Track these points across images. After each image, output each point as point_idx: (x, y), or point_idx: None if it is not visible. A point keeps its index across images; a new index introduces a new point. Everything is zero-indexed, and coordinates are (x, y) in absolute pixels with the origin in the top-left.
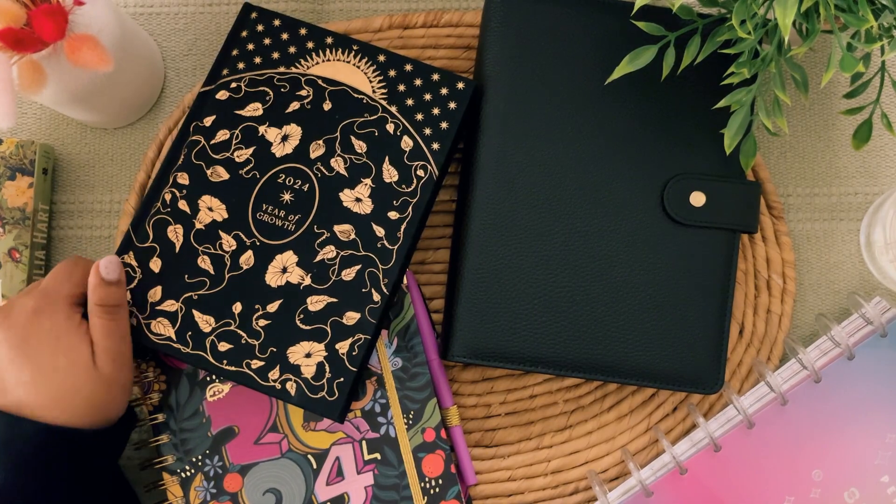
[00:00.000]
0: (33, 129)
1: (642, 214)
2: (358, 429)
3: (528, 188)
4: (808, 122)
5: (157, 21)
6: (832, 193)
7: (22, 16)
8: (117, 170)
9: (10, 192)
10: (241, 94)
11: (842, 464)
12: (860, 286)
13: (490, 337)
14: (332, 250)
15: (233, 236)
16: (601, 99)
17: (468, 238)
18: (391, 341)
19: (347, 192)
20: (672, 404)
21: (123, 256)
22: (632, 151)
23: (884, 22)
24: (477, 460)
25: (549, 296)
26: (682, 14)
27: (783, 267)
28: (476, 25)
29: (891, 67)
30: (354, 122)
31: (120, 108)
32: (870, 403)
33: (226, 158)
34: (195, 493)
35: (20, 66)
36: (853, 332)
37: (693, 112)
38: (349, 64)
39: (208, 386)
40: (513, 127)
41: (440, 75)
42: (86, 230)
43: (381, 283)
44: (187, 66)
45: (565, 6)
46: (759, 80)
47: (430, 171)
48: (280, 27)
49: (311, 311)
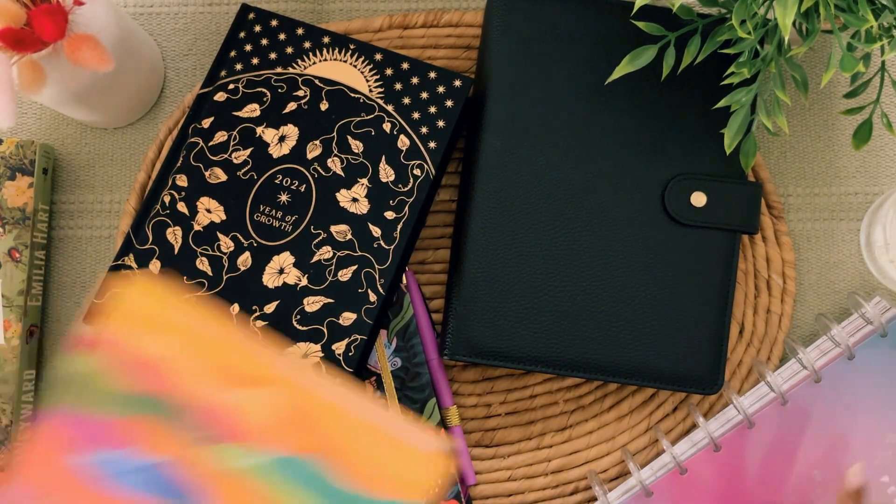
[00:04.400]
0: (33, 129)
1: (643, 214)
2: None
3: (528, 188)
4: (808, 122)
5: (157, 21)
6: (832, 193)
7: (22, 16)
8: (117, 170)
9: (10, 192)
10: (239, 95)
11: (842, 464)
12: (860, 286)
13: (490, 336)
14: (329, 251)
15: (230, 238)
16: (602, 99)
17: (468, 238)
18: (390, 341)
19: (344, 193)
20: (672, 404)
21: (123, 259)
22: (633, 151)
23: (884, 22)
24: (477, 460)
25: (549, 295)
26: (682, 14)
27: (783, 267)
28: (476, 25)
29: (891, 67)
30: (351, 122)
31: (120, 108)
32: (870, 403)
33: (224, 160)
34: None
35: (20, 66)
36: (853, 332)
37: (693, 112)
38: (346, 63)
39: None
40: (514, 127)
41: (437, 73)
42: (86, 230)
43: (378, 283)
44: (187, 66)
45: (566, 6)
46: (759, 80)
47: (426, 171)
48: (277, 27)
49: (308, 312)
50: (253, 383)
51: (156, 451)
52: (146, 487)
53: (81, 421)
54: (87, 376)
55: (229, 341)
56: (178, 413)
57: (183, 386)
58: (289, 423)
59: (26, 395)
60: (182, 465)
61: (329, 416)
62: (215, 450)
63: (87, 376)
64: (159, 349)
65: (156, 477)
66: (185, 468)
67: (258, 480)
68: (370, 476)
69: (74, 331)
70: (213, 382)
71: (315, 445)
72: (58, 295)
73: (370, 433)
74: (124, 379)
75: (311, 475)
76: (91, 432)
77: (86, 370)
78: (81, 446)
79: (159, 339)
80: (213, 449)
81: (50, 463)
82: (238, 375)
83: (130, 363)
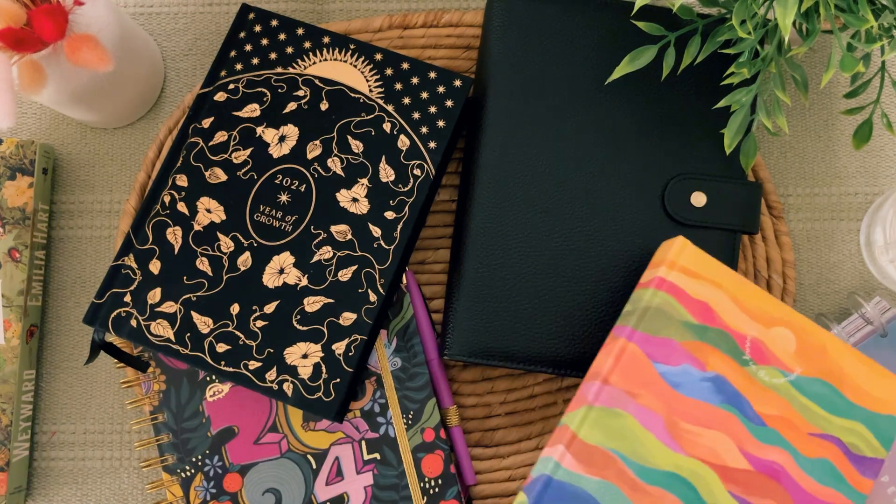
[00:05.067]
0: (33, 129)
1: (643, 214)
2: (357, 429)
3: (528, 188)
4: (808, 122)
5: (157, 21)
6: (832, 193)
7: (22, 16)
8: (117, 170)
9: (10, 192)
10: (239, 95)
11: None
12: (860, 286)
13: (490, 336)
14: (329, 251)
15: (231, 238)
16: (602, 99)
17: (468, 238)
18: (390, 341)
19: (344, 193)
20: None
21: (123, 259)
22: (633, 151)
23: (884, 22)
24: (477, 460)
25: (549, 295)
26: (682, 14)
27: (783, 267)
28: (476, 25)
29: (891, 67)
30: (351, 122)
31: (120, 108)
32: None
33: (224, 160)
34: (195, 492)
35: (20, 66)
36: (853, 332)
37: (693, 112)
38: (346, 63)
39: (208, 386)
40: (514, 127)
41: (437, 73)
42: (86, 230)
43: (378, 283)
44: (187, 66)
45: (566, 6)
46: (759, 80)
47: (426, 171)
48: (277, 27)
49: (308, 312)
50: (773, 323)
51: (712, 367)
52: (705, 394)
53: (660, 341)
54: (659, 308)
55: (752, 291)
56: (726, 341)
57: (727, 321)
58: (802, 353)
59: (26, 395)
60: (730, 379)
61: (830, 348)
62: (753, 369)
63: (659, 308)
64: (708, 293)
65: (712, 387)
66: (733, 382)
67: (784, 394)
68: (861, 394)
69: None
70: (748, 320)
71: (822, 370)
72: (58, 295)
73: (857, 362)
74: (687, 312)
75: (821, 393)
76: (666, 350)
77: (659, 303)
78: (662, 359)
79: (707, 287)
80: (752, 369)
81: (643, 369)
82: (762, 316)
83: (689, 302)
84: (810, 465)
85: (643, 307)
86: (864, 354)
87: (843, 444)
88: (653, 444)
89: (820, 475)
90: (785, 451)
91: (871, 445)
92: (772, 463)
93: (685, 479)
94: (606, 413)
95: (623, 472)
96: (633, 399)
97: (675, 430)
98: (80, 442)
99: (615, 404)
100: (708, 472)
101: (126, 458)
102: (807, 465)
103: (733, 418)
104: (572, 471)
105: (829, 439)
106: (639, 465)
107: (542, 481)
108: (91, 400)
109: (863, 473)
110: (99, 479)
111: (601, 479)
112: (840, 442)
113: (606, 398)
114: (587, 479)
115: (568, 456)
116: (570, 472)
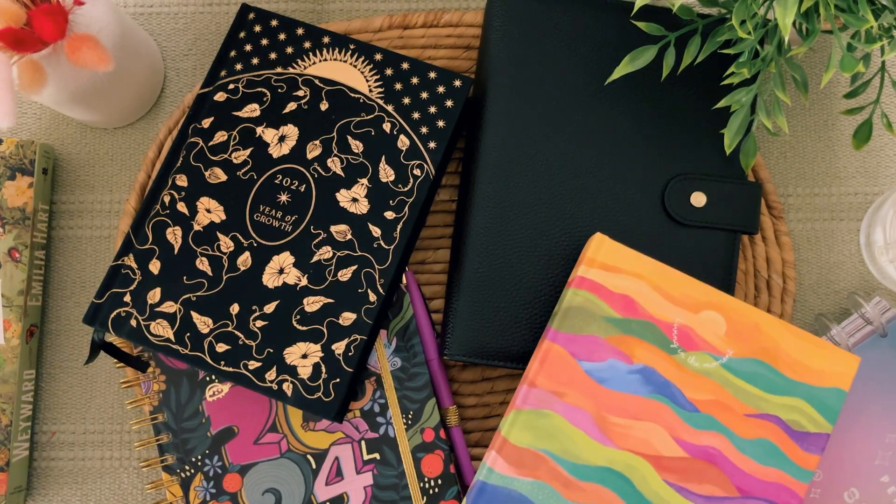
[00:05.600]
0: (33, 129)
1: (643, 214)
2: (357, 429)
3: (528, 188)
4: (808, 122)
5: (157, 21)
6: (832, 193)
7: (22, 16)
8: (117, 170)
9: (10, 192)
10: (239, 95)
11: (842, 464)
12: (860, 286)
13: (490, 336)
14: (329, 251)
15: (230, 238)
16: (602, 99)
17: (468, 238)
18: (390, 341)
19: (344, 193)
20: None
21: (123, 259)
22: (633, 151)
23: (884, 22)
24: (477, 460)
25: (549, 296)
26: (682, 14)
27: (783, 267)
28: (476, 25)
29: (891, 67)
30: (351, 122)
31: (120, 108)
32: (870, 403)
33: (224, 160)
34: (195, 492)
35: (20, 66)
36: (853, 332)
37: (693, 112)
38: (346, 63)
39: (208, 386)
40: (514, 127)
41: (437, 73)
42: (86, 230)
43: (378, 283)
44: (187, 66)
45: (567, 6)
46: (759, 80)
47: (426, 171)
48: (277, 27)
49: (308, 312)
50: (700, 307)
51: (639, 360)
52: (634, 387)
53: (584, 339)
54: (580, 307)
55: (676, 278)
56: (651, 331)
57: (652, 311)
58: (733, 334)
59: (26, 394)
60: (659, 369)
61: (763, 326)
62: (682, 357)
63: (580, 307)
64: (629, 286)
65: (640, 379)
66: (662, 372)
67: (716, 378)
68: (799, 369)
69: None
70: (673, 307)
71: (756, 350)
72: (58, 295)
73: (792, 337)
74: (609, 308)
75: (757, 373)
76: (590, 347)
77: (580, 302)
78: (586, 357)
79: (628, 280)
80: (680, 356)
81: (568, 368)
82: (688, 301)
83: (610, 297)
84: (748, 445)
85: (565, 307)
86: (803, 330)
87: (784, 423)
88: (583, 441)
89: (760, 455)
90: (721, 434)
91: (815, 420)
92: (707, 448)
93: (619, 472)
94: (534, 415)
95: (555, 470)
96: (560, 398)
97: (605, 425)
98: (80, 442)
99: (542, 405)
100: (642, 464)
101: (126, 458)
102: (745, 446)
103: (664, 407)
104: (504, 474)
105: (768, 418)
106: (571, 463)
107: (476, 487)
108: (91, 400)
109: (806, 450)
110: (99, 479)
111: (534, 479)
112: (780, 420)
113: (534, 400)
114: (520, 481)
115: (499, 460)
116: (503, 476)
